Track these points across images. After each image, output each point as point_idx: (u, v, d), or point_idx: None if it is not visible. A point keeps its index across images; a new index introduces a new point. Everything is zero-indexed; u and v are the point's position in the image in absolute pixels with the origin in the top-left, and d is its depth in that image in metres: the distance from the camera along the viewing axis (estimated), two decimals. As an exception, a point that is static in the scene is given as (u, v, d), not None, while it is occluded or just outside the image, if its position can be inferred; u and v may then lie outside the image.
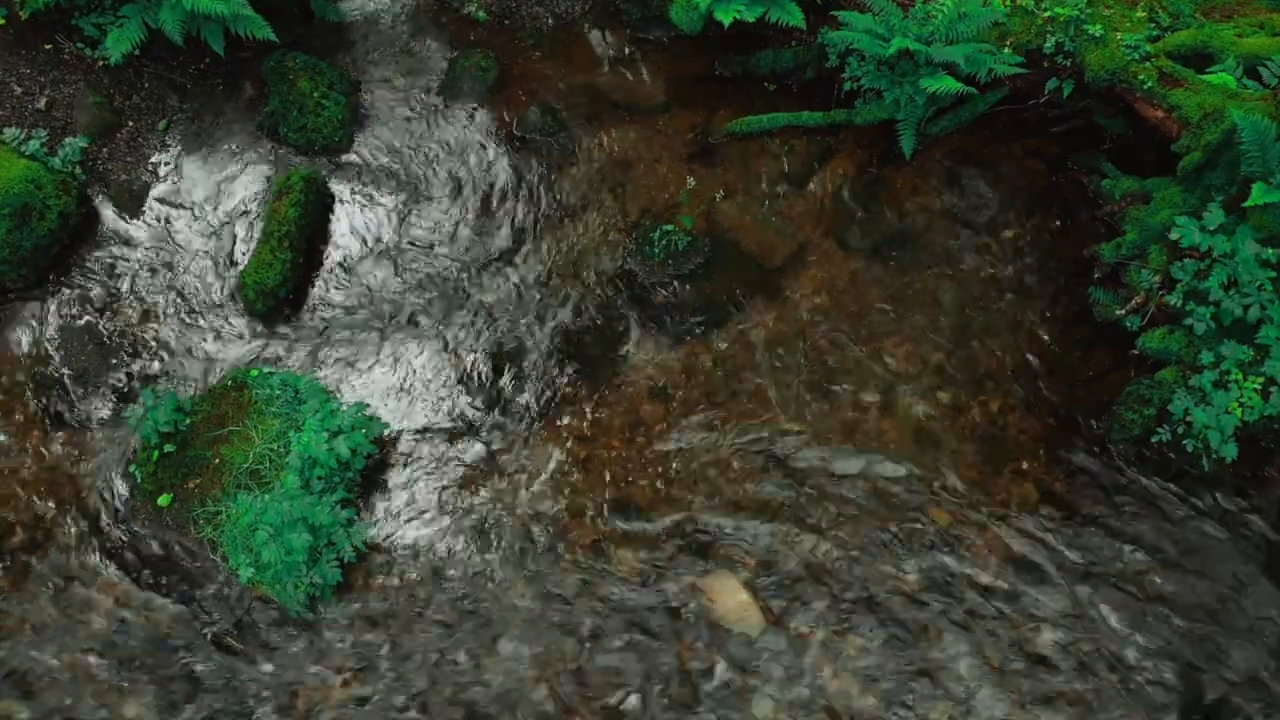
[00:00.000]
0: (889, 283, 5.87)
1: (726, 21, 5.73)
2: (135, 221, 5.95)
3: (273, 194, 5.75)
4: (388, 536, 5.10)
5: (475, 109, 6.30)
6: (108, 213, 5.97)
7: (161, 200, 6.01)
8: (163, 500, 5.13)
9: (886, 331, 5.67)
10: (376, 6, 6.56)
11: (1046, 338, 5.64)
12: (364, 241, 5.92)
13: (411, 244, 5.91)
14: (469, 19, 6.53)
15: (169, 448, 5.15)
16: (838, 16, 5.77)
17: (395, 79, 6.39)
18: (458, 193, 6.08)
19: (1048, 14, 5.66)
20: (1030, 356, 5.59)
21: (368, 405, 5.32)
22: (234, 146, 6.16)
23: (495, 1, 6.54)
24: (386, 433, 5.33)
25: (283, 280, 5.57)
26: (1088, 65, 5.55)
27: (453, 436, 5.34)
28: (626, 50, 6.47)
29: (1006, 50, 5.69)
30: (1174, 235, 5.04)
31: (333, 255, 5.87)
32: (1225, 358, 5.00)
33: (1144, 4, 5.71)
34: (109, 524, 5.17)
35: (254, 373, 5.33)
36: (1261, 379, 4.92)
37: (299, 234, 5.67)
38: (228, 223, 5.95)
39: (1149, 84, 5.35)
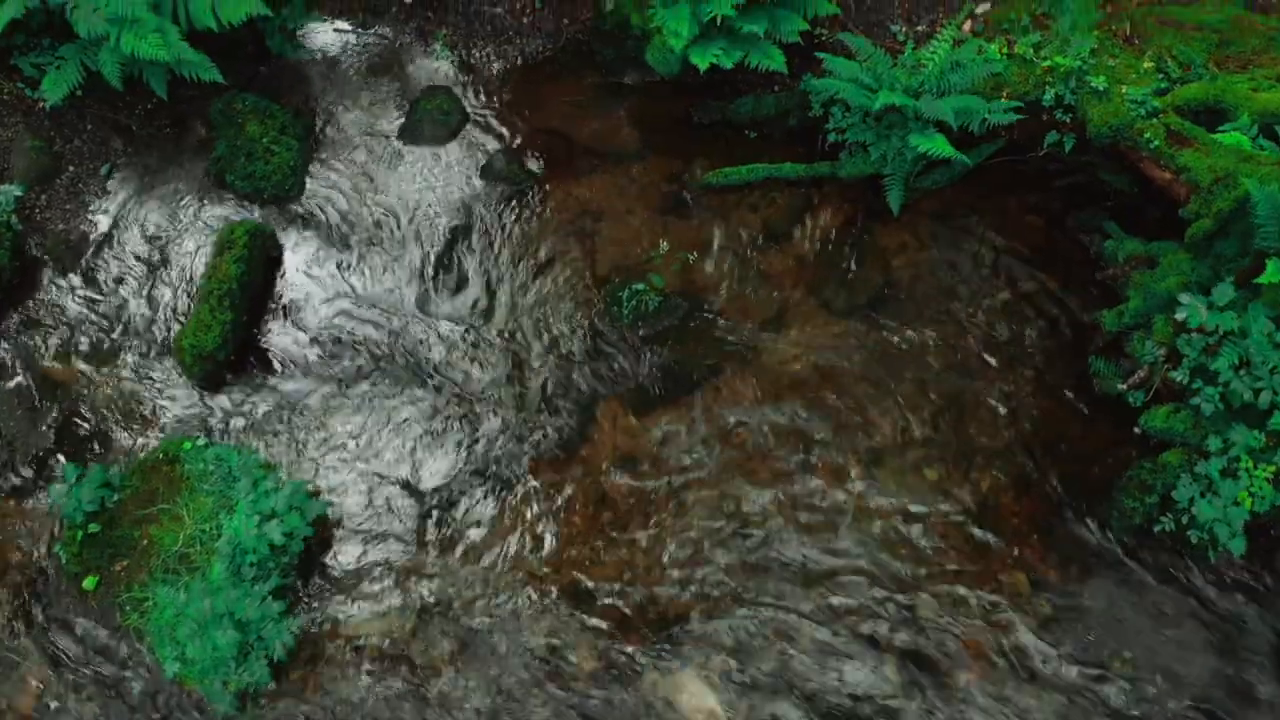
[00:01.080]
0: (873, 347, 5.48)
1: (703, 67, 5.35)
2: (72, 276, 5.61)
3: (214, 248, 5.38)
4: (327, 624, 4.74)
5: (437, 154, 5.93)
6: (44, 266, 5.62)
7: (101, 252, 5.66)
8: (88, 583, 4.78)
9: (870, 399, 5.29)
10: (336, 43, 6.19)
11: (1042, 410, 5.25)
12: (312, 300, 5.55)
13: (363, 303, 5.55)
14: (433, 57, 6.16)
15: (94, 527, 4.80)
16: (823, 62, 5.38)
17: (353, 121, 6.02)
18: (415, 246, 5.71)
19: (1047, 63, 5.26)
20: (1024, 430, 5.20)
21: (307, 483, 4.95)
22: (179, 193, 5.81)
23: (461, 40, 6.16)
24: (330, 511, 4.97)
25: (221, 343, 5.21)
26: (1090, 120, 5.14)
27: (401, 515, 4.97)
28: (598, 93, 6.09)
29: (1002, 99, 5.29)
30: (1180, 315, 4.63)
31: (278, 313, 5.51)
32: (1234, 444, 4.60)
33: (1152, 53, 5.30)
34: (33, 606, 4.83)
35: (187, 445, 4.98)
36: (1274, 468, 4.51)
37: (241, 292, 5.31)
38: (169, 277, 5.59)
39: (1156, 143, 4.95)
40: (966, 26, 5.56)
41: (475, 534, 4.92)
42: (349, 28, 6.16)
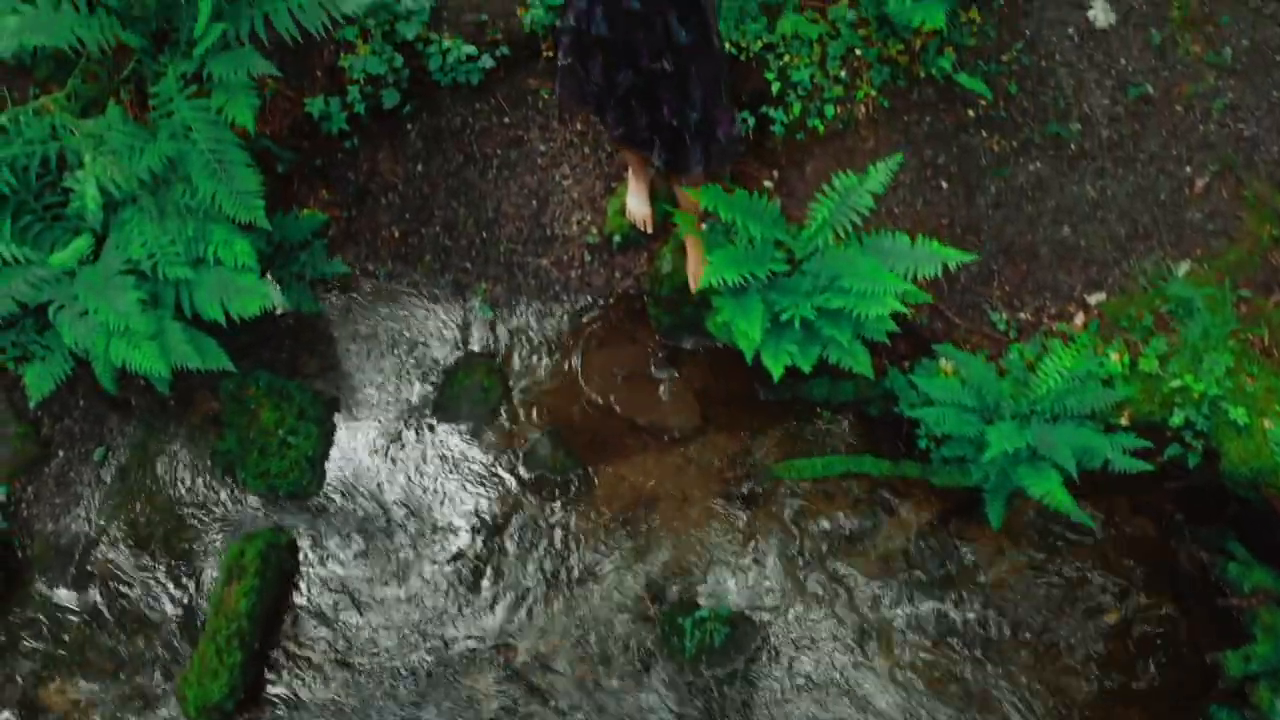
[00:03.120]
0: (961, 672, 4.85)
1: (777, 374, 4.69)
2: (62, 588, 4.98)
3: (222, 572, 4.75)
4: None
5: (473, 437, 5.28)
6: (32, 573, 4.99)
7: (94, 558, 5.03)
8: None
9: (963, 744, 4.66)
10: (362, 296, 5.54)
11: (1160, 770, 4.62)
12: (332, 619, 4.92)
13: (389, 623, 4.91)
14: (471, 315, 5.50)
15: None
16: (912, 373, 4.73)
17: (380, 394, 5.37)
18: (447, 550, 5.08)
19: (1176, 383, 4.60)
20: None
21: None
22: (183, 486, 5.16)
23: (503, 295, 5.50)
24: None
25: (229, 692, 4.57)
26: (1225, 455, 4.50)
27: None
28: (653, 360, 5.43)
29: (1123, 423, 4.64)
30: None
31: (295, 637, 4.88)
32: None
33: (1296, 371, 4.64)
34: None
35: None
36: None
37: (252, 629, 4.67)
38: (171, 591, 4.96)
39: (1307, 497, 4.30)
40: (1079, 320, 4.91)
41: None
42: (377, 278, 5.51)
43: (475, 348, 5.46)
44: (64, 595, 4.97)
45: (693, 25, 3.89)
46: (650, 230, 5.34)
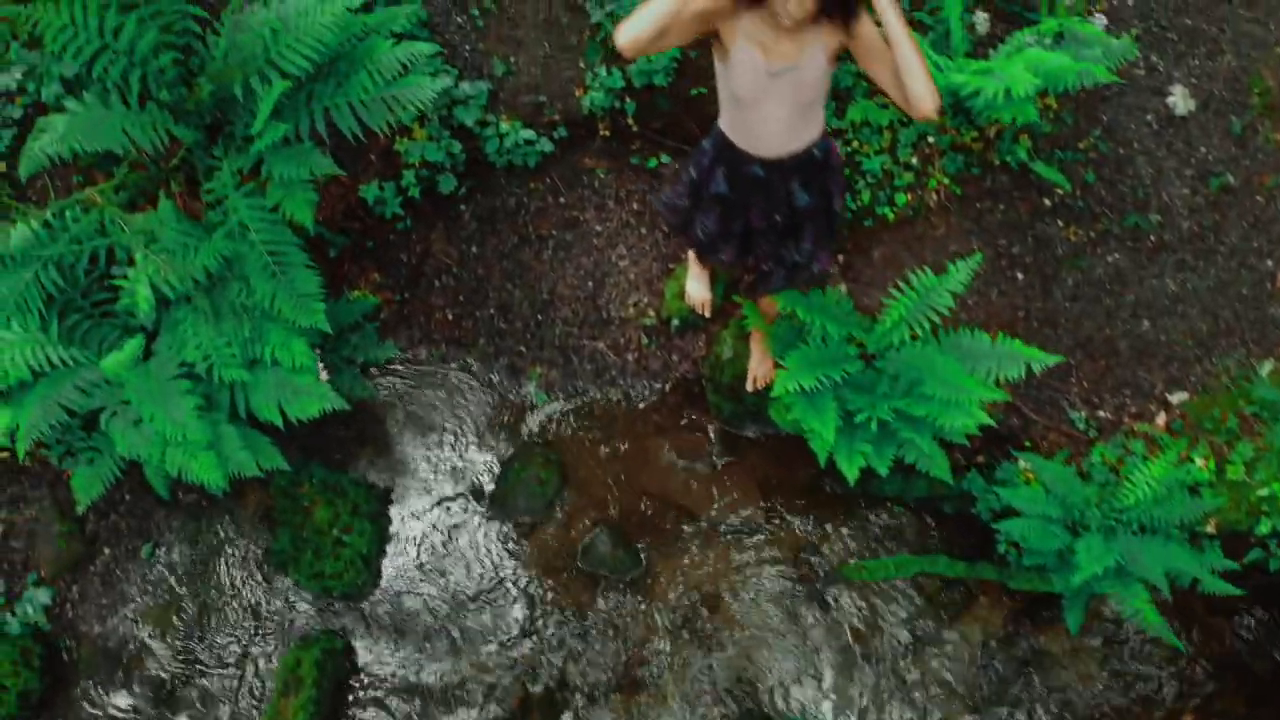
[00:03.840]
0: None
1: (852, 477, 4.55)
2: (110, 693, 4.82)
3: (278, 682, 4.60)
4: None
5: (530, 531, 5.13)
6: (78, 679, 4.83)
7: (143, 665, 4.86)
8: None
9: None
10: (414, 380, 5.38)
11: None
12: (391, 728, 4.77)
13: (448, 731, 4.77)
14: (526, 401, 5.34)
15: None
16: (993, 478, 4.58)
17: (435, 485, 5.21)
18: (507, 653, 4.92)
19: (1263, 491, 4.46)
20: None
21: None
22: (234, 584, 5.00)
23: (559, 380, 5.35)
24: None
25: (288, 816, 4.43)
26: (1316, 566, 4.36)
27: None
28: (713, 448, 5.28)
29: (1209, 531, 4.50)
30: None
31: (352, 748, 4.73)
32: None
33: (1388, 477, 4.50)
34: None
35: None
36: None
37: (311, 744, 4.52)
38: (225, 697, 4.80)
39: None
40: (1160, 420, 4.76)
41: None
42: (429, 361, 5.35)
43: (531, 434, 5.30)
44: (111, 701, 4.81)
45: (814, 190, 3.80)
46: (709, 315, 5.19)
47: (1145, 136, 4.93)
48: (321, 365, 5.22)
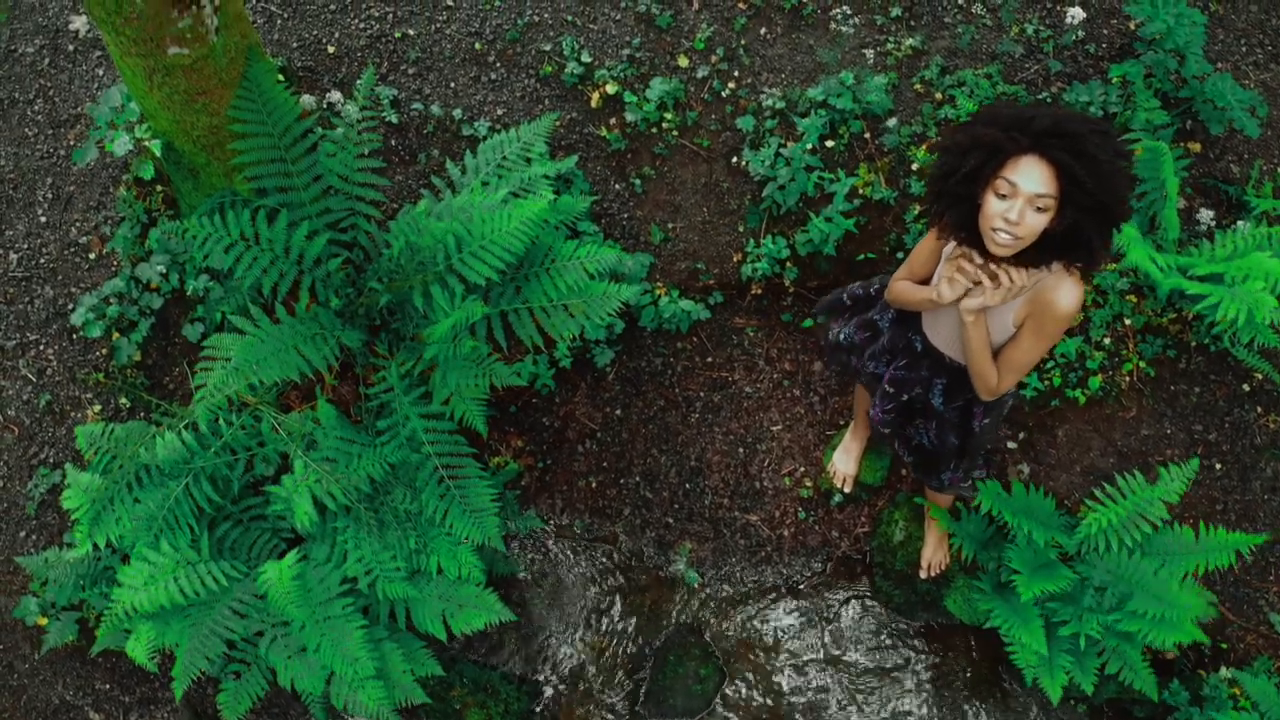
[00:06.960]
0: None
1: (1056, 697, 4.29)
2: None
3: None
4: None
5: (690, 731, 4.83)
6: None
7: None
8: None
9: None
10: (558, 554, 5.06)
11: None
12: None
13: None
14: (675, 579, 5.04)
15: None
16: (1208, 708, 4.30)
17: (585, 677, 4.90)
18: None
19: None
20: None
21: None
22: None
23: (709, 555, 5.05)
24: None
25: None
26: None
27: None
28: (879, 641, 4.98)
29: None
30: None
31: None
32: None
33: None
34: None
35: None
36: None
37: None
38: None
39: None
40: (1372, 628, 4.48)
41: None
42: (572, 533, 5.03)
43: (683, 620, 4.99)
44: None
45: (956, 399, 3.57)
46: (848, 490, 4.91)
47: (1351, 318, 4.63)
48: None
